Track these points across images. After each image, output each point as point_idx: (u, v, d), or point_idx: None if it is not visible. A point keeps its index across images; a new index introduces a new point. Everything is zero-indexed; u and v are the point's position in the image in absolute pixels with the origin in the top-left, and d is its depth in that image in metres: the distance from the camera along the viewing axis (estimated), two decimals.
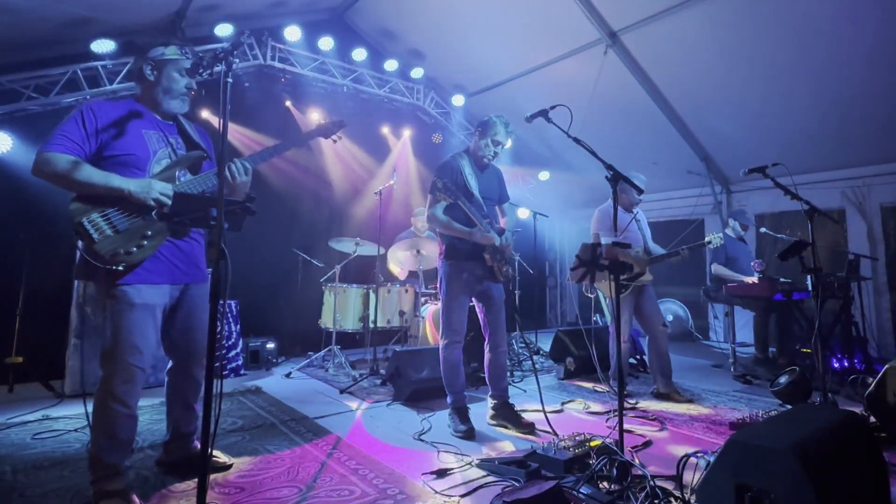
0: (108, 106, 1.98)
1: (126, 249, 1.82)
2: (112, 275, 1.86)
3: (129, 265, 1.85)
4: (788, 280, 4.53)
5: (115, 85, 4.62)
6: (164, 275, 2.02)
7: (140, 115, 2.03)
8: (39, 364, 3.92)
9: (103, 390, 1.91)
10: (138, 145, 1.96)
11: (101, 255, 1.79)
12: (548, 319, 8.96)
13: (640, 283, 3.84)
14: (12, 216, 4.10)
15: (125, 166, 1.92)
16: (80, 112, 1.91)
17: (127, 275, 1.89)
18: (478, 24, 5.80)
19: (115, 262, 1.81)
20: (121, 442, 1.96)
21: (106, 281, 1.88)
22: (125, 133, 1.95)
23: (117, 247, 1.81)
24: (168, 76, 2.07)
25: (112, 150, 1.91)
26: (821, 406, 2.92)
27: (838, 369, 4.14)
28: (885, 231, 5.48)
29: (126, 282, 1.90)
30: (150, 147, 1.99)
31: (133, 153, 1.94)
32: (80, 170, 1.82)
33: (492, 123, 3.06)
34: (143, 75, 2.06)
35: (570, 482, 2.09)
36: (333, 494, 2.10)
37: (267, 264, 5.47)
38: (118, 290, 1.89)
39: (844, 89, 4.80)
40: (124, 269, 1.84)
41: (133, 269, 1.88)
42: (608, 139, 6.39)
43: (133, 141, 1.96)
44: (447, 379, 3.03)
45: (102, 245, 1.79)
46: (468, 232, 2.91)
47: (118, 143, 1.92)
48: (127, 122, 1.97)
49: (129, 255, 1.83)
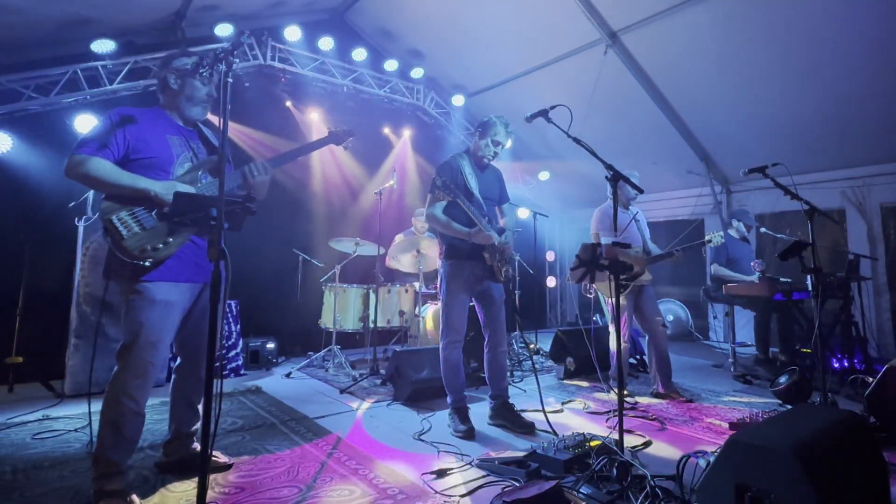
0: (135, 112, 2.09)
1: (153, 245, 1.92)
2: (138, 271, 1.94)
3: (156, 261, 1.94)
4: (788, 280, 4.53)
5: (115, 85, 4.62)
6: (186, 273, 2.08)
7: (164, 121, 2.16)
8: (39, 364, 3.93)
9: (115, 384, 1.96)
10: (163, 149, 2.07)
11: (130, 250, 1.89)
12: (548, 319, 8.96)
13: (639, 283, 3.85)
14: (12, 216, 4.10)
15: (150, 169, 2.02)
16: (110, 117, 2.02)
17: (151, 271, 1.96)
18: (478, 24, 5.80)
19: (143, 258, 1.90)
20: (126, 439, 1.99)
21: (131, 277, 1.96)
22: (150, 137, 2.06)
23: (144, 243, 1.91)
24: (191, 85, 2.19)
25: (138, 154, 2.02)
26: (821, 406, 2.92)
27: (838, 369, 4.14)
28: (885, 231, 5.48)
29: (149, 279, 1.98)
30: (173, 151, 2.10)
31: (158, 156, 2.05)
32: (109, 172, 1.92)
33: (492, 124, 3.06)
34: (167, 84, 2.18)
35: (570, 482, 2.09)
36: (333, 494, 2.10)
37: (267, 264, 5.47)
38: (141, 286, 1.97)
39: (845, 89, 4.80)
40: (151, 264, 1.92)
41: (158, 265, 1.96)
42: (608, 139, 6.39)
43: (158, 145, 2.07)
44: (447, 379, 3.03)
45: (130, 241, 1.89)
46: (467, 232, 2.91)
47: (144, 147, 2.03)
48: (152, 127, 2.09)
49: (156, 251, 1.93)
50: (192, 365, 2.30)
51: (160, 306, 1.99)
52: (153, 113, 2.17)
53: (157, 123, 2.12)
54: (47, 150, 4.27)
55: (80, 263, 3.78)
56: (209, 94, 2.24)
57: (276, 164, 2.27)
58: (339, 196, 6.33)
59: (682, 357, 5.44)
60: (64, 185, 4.18)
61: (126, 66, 4.66)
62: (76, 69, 4.43)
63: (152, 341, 1.97)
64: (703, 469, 1.89)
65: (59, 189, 4.17)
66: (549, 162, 7.45)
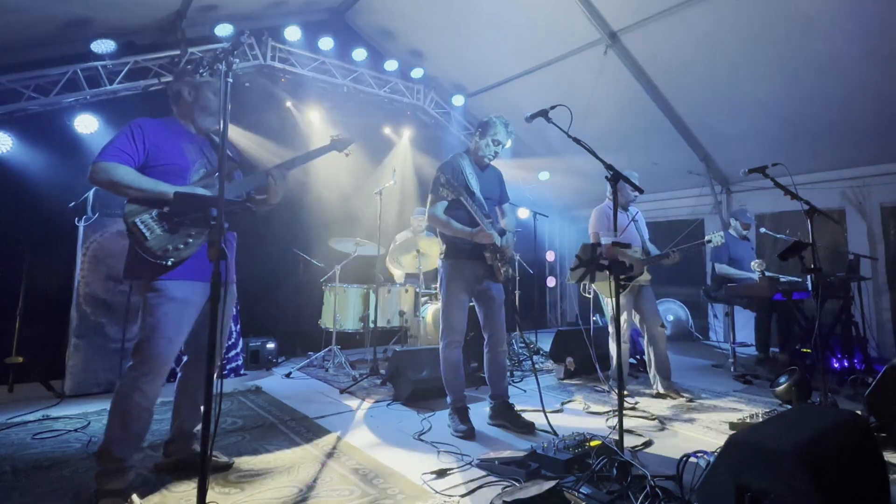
0: (153, 122, 2.21)
1: (174, 246, 2.03)
2: (157, 270, 2.04)
3: (178, 260, 2.04)
4: (791, 278, 4.53)
5: (115, 85, 4.62)
6: (204, 272, 2.13)
7: (179, 130, 2.28)
8: (39, 364, 3.92)
9: (128, 378, 2.02)
10: (179, 156, 2.18)
11: (153, 250, 1.99)
12: (548, 319, 8.96)
13: (637, 284, 3.84)
14: (12, 216, 4.09)
15: (168, 174, 2.12)
16: (130, 127, 2.13)
17: (172, 270, 2.06)
18: (478, 24, 5.80)
19: (165, 257, 2.01)
20: (132, 434, 2.02)
21: (150, 276, 2.06)
22: (168, 146, 2.17)
23: (166, 244, 2.02)
24: (204, 96, 2.30)
25: (157, 161, 2.13)
26: (821, 406, 2.92)
27: (838, 369, 4.14)
28: (885, 231, 5.48)
29: (167, 277, 2.07)
30: (189, 158, 2.21)
31: (175, 163, 2.16)
32: (132, 177, 2.04)
33: (492, 123, 3.07)
34: (181, 96, 2.30)
35: (570, 482, 2.09)
36: (333, 494, 2.10)
37: (267, 264, 5.47)
38: (160, 283, 2.06)
39: (845, 89, 4.80)
40: (172, 263, 2.03)
41: (178, 265, 2.06)
42: (608, 139, 6.39)
43: (175, 153, 2.18)
44: (447, 379, 3.03)
45: (154, 242, 2.00)
46: (469, 232, 2.92)
47: (162, 155, 2.14)
48: (169, 136, 2.20)
49: (178, 251, 2.03)
50: (198, 362, 2.34)
51: (177, 303, 2.08)
52: (168, 122, 2.28)
53: (172, 132, 2.23)
54: (47, 150, 4.27)
55: (80, 263, 3.78)
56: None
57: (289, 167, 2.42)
58: (339, 196, 6.33)
59: (682, 357, 5.44)
60: (64, 185, 4.21)
61: (126, 66, 4.66)
62: (76, 69, 4.43)
63: (169, 336, 2.05)
64: (703, 469, 1.89)
65: (59, 189, 4.17)
66: (549, 162, 7.44)
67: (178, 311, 2.08)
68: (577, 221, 8.70)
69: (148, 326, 2.04)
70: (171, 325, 2.06)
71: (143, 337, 2.04)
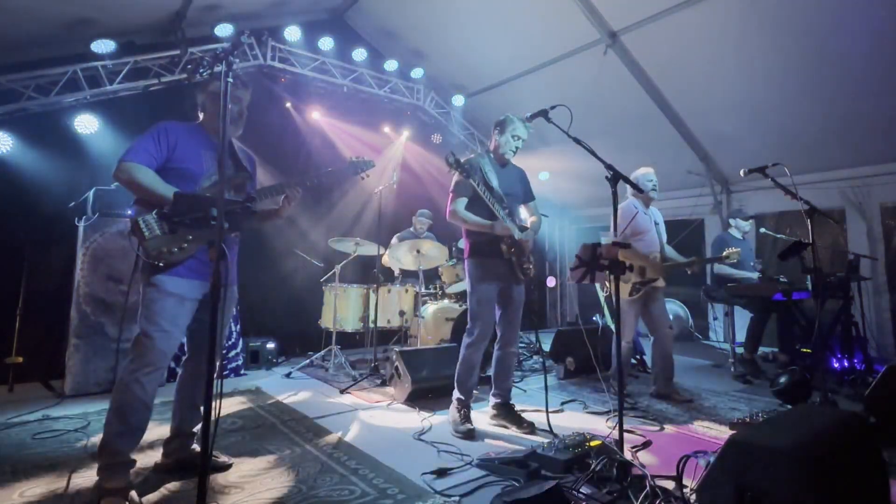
0: (179, 127, 2.28)
1: (169, 249, 2.07)
2: (154, 268, 2.10)
3: (168, 263, 2.09)
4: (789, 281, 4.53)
5: (115, 85, 4.62)
6: (201, 272, 2.18)
7: (201, 138, 2.32)
8: (39, 364, 3.93)
9: (127, 371, 2.05)
10: (196, 163, 2.24)
11: (148, 250, 2.04)
12: (548, 319, 8.96)
13: (654, 287, 3.81)
14: (12, 216, 4.09)
15: (181, 178, 2.18)
16: (157, 129, 2.20)
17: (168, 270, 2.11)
18: (478, 23, 5.80)
19: (158, 259, 2.05)
20: (131, 427, 2.05)
21: (150, 272, 2.12)
22: (188, 150, 2.23)
23: (162, 245, 2.06)
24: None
25: (174, 163, 2.19)
26: (821, 406, 2.92)
27: (838, 369, 4.14)
28: (885, 231, 5.48)
29: (167, 273, 2.12)
30: (204, 164, 2.26)
31: (190, 168, 2.21)
32: (150, 180, 2.10)
33: (510, 120, 3.11)
34: (205, 107, 2.37)
35: (570, 482, 2.09)
36: (333, 494, 2.10)
37: (267, 264, 5.47)
38: (157, 279, 2.10)
39: (844, 89, 4.79)
40: (163, 266, 2.08)
41: (172, 267, 2.10)
42: (608, 139, 6.38)
43: (193, 158, 2.24)
44: (460, 376, 3.05)
45: (151, 242, 2.04)
46: (488, 224, 2.93)
47: (180, 158, 2.21)
48: (190, 141, 2.26)
49: (171, 255, 2.08)
50: (198, 359, 2.35)
51: (173, 298, 2.12)
52: (193, 129, 2.34)
53: (194, 138, 2.29)
54: (47, 150, 4.27)
55: (80, 263, 3.78)
56: (240, 113, 2.39)
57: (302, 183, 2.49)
58: (339, 196, 6.33)
59: (682, 357, 5.43)
60: (64, 185, 4.21)
61: (126, 66, 4.65)
62: (76, 69, 4.42)
63: (167, 330, 2.10)
64: (703, 469, 1.89)
65: (59, 189, 4.17)
66: (549, 162, 7.43)
67: (174, 306, 2.11)
68: (576, 221, 8.69)
69: (147, 319, 2.08)
70: (168, 319, 2.10)
71: (142, 330, 2.08)
